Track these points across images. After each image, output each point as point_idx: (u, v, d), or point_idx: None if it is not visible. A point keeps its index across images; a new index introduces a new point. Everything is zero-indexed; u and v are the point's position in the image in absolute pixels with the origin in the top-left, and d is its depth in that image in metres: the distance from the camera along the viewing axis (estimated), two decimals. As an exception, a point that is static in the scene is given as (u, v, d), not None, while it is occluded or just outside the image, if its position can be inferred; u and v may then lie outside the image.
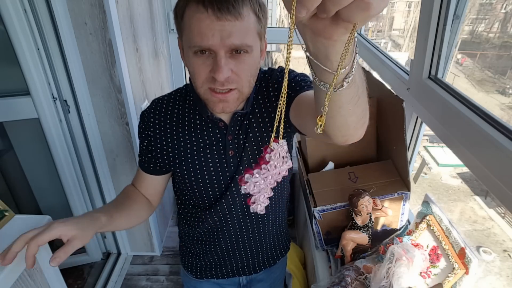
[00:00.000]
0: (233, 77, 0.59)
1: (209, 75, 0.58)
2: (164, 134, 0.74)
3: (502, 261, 6.58)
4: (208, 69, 0.58)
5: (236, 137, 0.72)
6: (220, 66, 0.56)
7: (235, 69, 0.58)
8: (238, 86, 0.61)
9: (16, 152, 1.59)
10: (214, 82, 0.58)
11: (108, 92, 1.44)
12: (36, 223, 0.74)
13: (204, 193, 0.77)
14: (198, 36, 0.55)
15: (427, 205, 0.92)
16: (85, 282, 1.75)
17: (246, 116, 0.72)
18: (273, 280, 1.02)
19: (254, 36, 0.59)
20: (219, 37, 0.54)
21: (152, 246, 1.96)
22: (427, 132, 1.04)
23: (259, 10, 0.58)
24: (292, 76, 0.72)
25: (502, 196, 0.65)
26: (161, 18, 1.90)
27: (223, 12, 0.53)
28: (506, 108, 7.94)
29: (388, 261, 0.83)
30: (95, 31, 1.31)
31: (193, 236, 0.88)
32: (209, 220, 0.80)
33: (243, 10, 0.54)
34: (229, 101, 0.62)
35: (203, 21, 0.54)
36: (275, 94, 0.73)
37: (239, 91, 0.62)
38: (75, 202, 1.63)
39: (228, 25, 0.54)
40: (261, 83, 0.74)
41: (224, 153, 0.73)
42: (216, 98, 0.61)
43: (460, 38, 0.90)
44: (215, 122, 0.71)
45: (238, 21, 0.54)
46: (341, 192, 1.02)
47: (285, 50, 2.49)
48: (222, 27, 0.54)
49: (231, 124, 0.71)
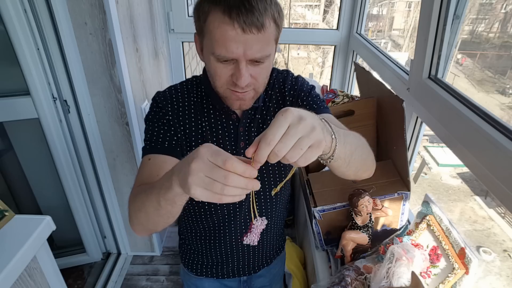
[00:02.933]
0: (252, 81, 0.63)
1: (230, 79, 0.62)
2: (181, 119, 0.72)
3: (502, 261, 6.57)
4: (229, 74, 0.62)
5: (248, 129, 0.75)
6: (242, 75, 0.60)
7: (254, 74, 0.62)
8: (255, 87, 0.65)
9: (16, 152, 1.59)
10: (235, 86, 0.62)
11: (108, 92, 1.44)
12: (36, 223, 0.74)
13: None
14: (223, 47, 0.57)
15: (427, 205, 0.92)
16: (85, 282, 1.75)
17: (258, 110, 0.75)
18: (273, 276, 1.03)
19: (272, 44, 0.63)
20: (243, 49, 0.57)
21: (152, 246, 1.96)
22: (427, 132, 1.04)
23: (278, 17, 0.61)
24: (306, 87, 0.77)
25: (502, 196, 0.65)
26: (161, 18, 1.90)
27: (248, 25, 0.55)
28: (506, 108, 7.94)
29: (388, 261, 0.83)
30: (95, 31, 1.31)
31: (195, 233, 0.88)
32: (213, 215, 0.80)
33: (266, 21, 0.57)
34: (246, 99, 0.66)
35: (228, 32, 0.56)
36: (290, 95, 0.77)
37: (255, 91, 0.66)
38: (75, 202, 1.63)
39: (252, 38, 0.56)
40: (277, 80, 0.78)
41: (236, 144, 0.75)
42: (235, 97, 0.65)
43: (460, 38, 0.90)
44: (229, 114, 0.73)
45: (260, 34, 0.57)
46: (341, 192, 1.02)
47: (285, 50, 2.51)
48: (246, 40, 0.56)
49: (243, 116, 0.74)
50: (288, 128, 0.40)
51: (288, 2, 13.90)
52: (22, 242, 0.68)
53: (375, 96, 1.11)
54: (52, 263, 0.81)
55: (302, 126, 0.40)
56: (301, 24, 15.78)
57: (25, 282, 0.70)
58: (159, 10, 1.86)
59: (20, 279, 0.68)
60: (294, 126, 0.40)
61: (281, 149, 0.39)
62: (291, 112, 0.40)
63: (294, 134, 0.40)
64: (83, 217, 1.69)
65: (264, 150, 0.39)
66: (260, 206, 0.82)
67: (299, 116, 0.41)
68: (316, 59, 14.68)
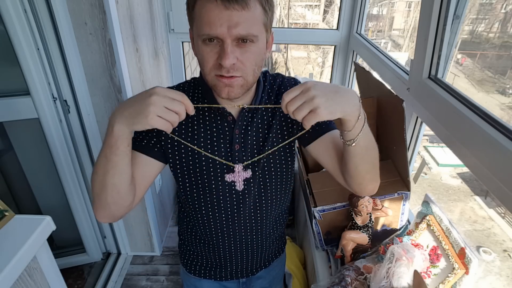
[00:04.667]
0: (238, 65, 0.62)
1: (216, 62, 0.62)
2: None
3: (502, 261, 6.57)
4: (215, 57, 0.61)
5: (244, 132, 0.74)
6: (227, 53, 0.59)
7: (240, 57, 0.62)
8: (243, 74, 0.64)
9: (16, 152, 1.59)
10: (221, 69, 0.62)
11: (108, 92, 1.44)
12: (36, 223, 0.74)
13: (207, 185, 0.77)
14: (207, 25, 0.58)
15: (427, 205, 0.92)
16: (85, 282, 1.75)
17: (257, 113, 0.75)
18: (273, 278, 1.02)
19: (260, 27, 0.62)
20: (227, 26, 0.57)
21: (152, 246, 1.96)
22: (427, 132, 1.04)
23: (266, 2, 0.61)
24: None
25: (502, 196, 0.65)
26: (161, 18, 1.90)
27: (231, 2, 0.56)
28: (506, 108, 7.93)
29: (388, 261, 0.83)
30: (95, 31, 1.31)
31: (195, 234, 0.88)
32: (211, 218, 0.80)
33: (250, 1, 0.58)
34: (234, 86, 0.65)
35: (212, 10, 0.57)
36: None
37: (243, 79, 0.65)
38: (75, 202, 1.63)
39: (235, 14, 0.57)
40: (272, 84, 0.78)
41: (230, 147, 0.74)
42: (222, 83, 0.64)
43: (460, 38, 0.90)
44: (224, 115, 0.73)
45: (244, 11, 0.58)
46: (341, 192, 1.02)
47: (285, 50, 2.51)
48: (229, 17, 0.57)
49: (239, 118, 0.73)
50: (299, 93, 0.54)
51: (288, 2, 13.90)
52: (22, 242, 0.68)
53: (375, 96, 1.11)
54: (52, 263, 0.81)
55: (307, 94, 0.53)
56: (301, 24, 15.79)
57: (25, 282, 0.70)
58: (159, 10, 1.86)
59: (20, 279, 0.68)
60: (302, 93, 0.53)
61: (289, 107, 0.54)
62: (307, 83, 0.54)
63: (299, 99, 0.53)
64: (83, 217, 1.69)
65: (282, 103, 0.55)
66: (261, 208, 0.81)
67: (310, 87, 0.53)
68: (316, 59, 14.68)
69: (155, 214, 1.86)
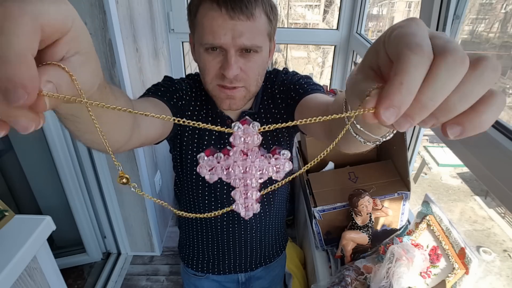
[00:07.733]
0: (241, 75, 0.61)
1: (218, 72, 0.60)
2: (187, 106, 0.71)
3: (502, 261, 6.57)
4: (218, 66, 0.60)
5: None
6: (230, 64, 0.57)
7: (244, 67, 0.60)
8: (245, 84, 0.62)
9: (16, 152, 1.59)
10: (223, 79, 0.60)
11: (108, 92, 1.44)
12: (36, 223, 0.74)
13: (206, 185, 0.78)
14: (211, 34, 0.56)
15: (427, 205, 0.92)
16: (85, 282, 1.75)
17: (253, 116, 0.74)
18: (272, 278, 1.02)
19: (264, 37, 0.60)
20: (231, 36, 0.56)
21: (152, 246, 1.96)
22: (427, 132, 1.04)
23: (271, 11, 0.60)
24: (296, 78, 0.73)
25: (502, 196, 0.65)
26: (161, 18, 1.90)
27: (236, 12, 0.54)
28: (506, 108, 7.93)
29: (388, 261, 0.83)
30: (95, 31, 1.31)
31: (196, 227, 0.89)
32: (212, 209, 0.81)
33: (255, 11, 0.56)
34: (236, 98, 0.63)
35: (216, 19, 0.55)
36: (281, 96, 0.74)
37: (246, 89, 0.63)
38: (75, 202, 1.63)
39: (240, 24, 0.55)
40: (266, 83, 0.76)
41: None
42: (224, 94, 0.63)
43: (460, 38, 0.90)
44: (224, 119, 0.72)
45: (249, 22, 0.56)
46: (341, 192, 1.02)
47: (285, 50, 2.50)
48: (234, 26, 0.55)
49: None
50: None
51: (288, 2, 13.91)
52: (22, 242, 0.68)
53: (375, 96, 1.11)
54: (52, 263, 0.81)
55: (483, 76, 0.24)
56: (301, 24, 15.78)
57: (25, 282, 0.70)
58: (159, 10, 1.86)
59: (20, 279, 0.68)
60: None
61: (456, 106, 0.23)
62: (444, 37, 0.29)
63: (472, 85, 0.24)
64: (83, 217, 1.69)
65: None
66: (262, 202, 0.82)
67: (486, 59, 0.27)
68: (316, 59, 14.68)
69: (155, 214, 1.86)
